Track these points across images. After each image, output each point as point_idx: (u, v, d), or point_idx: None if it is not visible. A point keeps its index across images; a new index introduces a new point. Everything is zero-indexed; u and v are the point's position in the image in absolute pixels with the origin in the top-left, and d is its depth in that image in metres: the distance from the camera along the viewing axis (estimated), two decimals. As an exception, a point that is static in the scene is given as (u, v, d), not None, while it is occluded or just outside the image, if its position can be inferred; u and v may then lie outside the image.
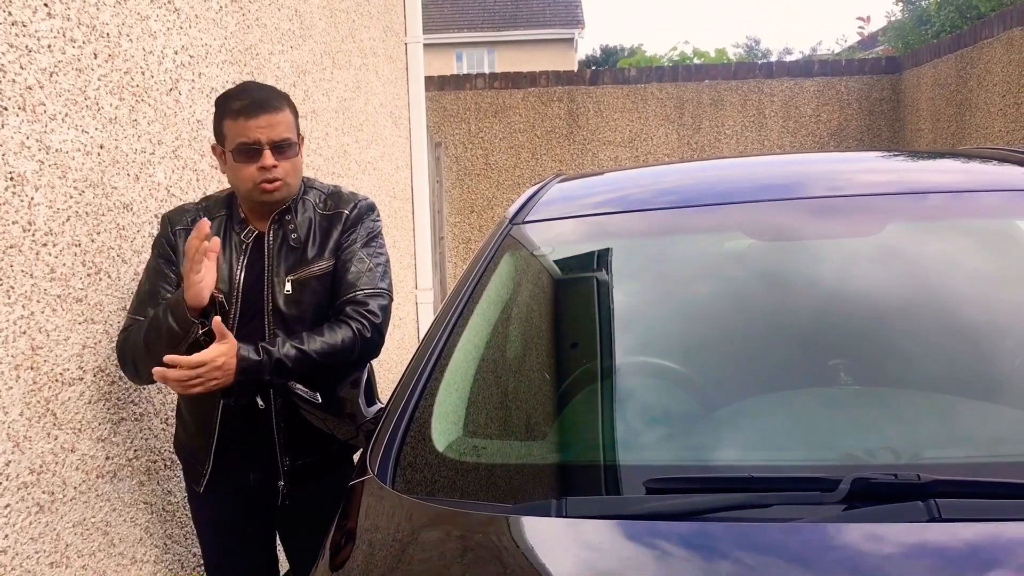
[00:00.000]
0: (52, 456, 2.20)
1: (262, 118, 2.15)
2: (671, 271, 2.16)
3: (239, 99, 2.18)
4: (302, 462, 2.28)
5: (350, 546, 1.50)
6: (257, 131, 2.14)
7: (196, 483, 2.33)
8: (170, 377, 2.00)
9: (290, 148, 2.20)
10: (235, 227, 2.28)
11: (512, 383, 2.01)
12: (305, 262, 2.24)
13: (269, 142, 2.15)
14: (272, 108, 2.17)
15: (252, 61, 3.30)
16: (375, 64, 4.92)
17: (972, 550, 1.25)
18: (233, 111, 2.17)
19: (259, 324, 2.22)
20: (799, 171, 2.52)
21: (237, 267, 2.25)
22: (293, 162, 2.22)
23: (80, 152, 2.31)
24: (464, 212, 8.06)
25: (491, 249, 2.17)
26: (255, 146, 2.15)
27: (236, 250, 2.26)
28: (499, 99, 8.00)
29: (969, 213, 2.07)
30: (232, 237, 2.27)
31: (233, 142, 2.17)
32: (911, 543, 1.25)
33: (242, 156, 2.17)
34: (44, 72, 2.19)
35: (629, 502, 1.47)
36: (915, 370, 1.74)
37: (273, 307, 2.22)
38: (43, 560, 2.17)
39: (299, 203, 2.29)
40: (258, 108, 2.15)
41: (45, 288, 2.18)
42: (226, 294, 2.21)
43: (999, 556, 1.24)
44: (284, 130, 2.18)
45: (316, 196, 2.32)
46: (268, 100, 2.18)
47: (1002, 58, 6.05)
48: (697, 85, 7.94)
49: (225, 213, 2.30)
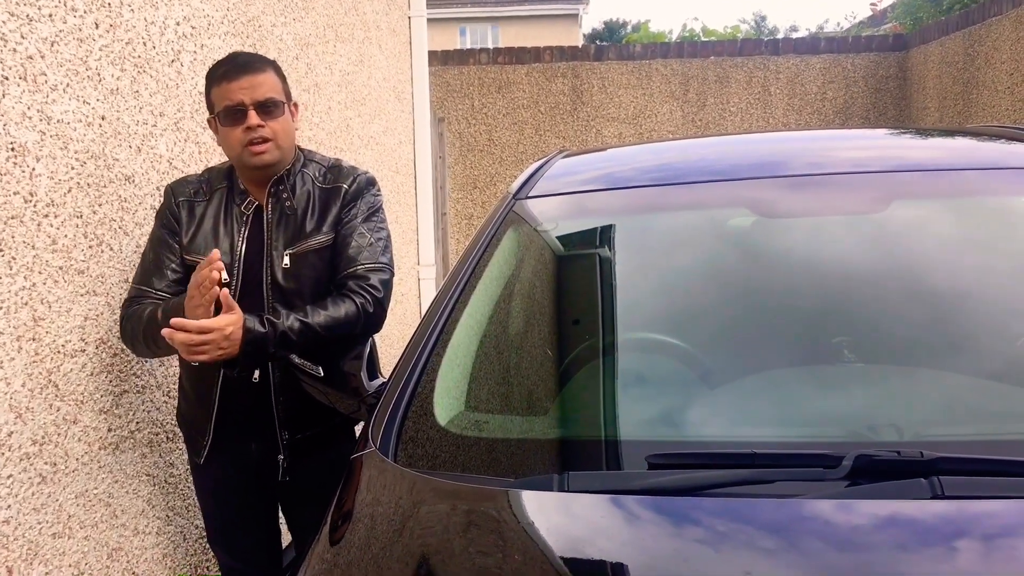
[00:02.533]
0: (54, 427, 2.20)
1: (243, 79, 2.16)
2: (674, 248, 2.15)
3: (223, 65, 2.21)
4: (301, 435, 2.29)
5: (351, 519, 1.50)
6: (240, 92, 2.16)
7: (197, 455, 2.35)
8: (176, 340, 2.00)
9: (276, 108, 2.20)
10: (236, 198, 2.28)
11: (514, 358, 2.01)
12: (303, 235, 2.24)
13: (253, 102, 2.16)
14: (254, 70, 2.18)
15: (255, 33, 3.28)
16: (378, 38, 4.89)
17: (974, 527, 1.25)
18: (217, 77, 2.20)
19: (259, 297, 2.22)
20: (804, 148, 2.51)
21: (238, 239, 2.25)
22: (281, 122, 2.21)
23: (81, 123, 2.29)
24: (467, 188, 8.04)
25: (494, 225, 2.16)
26: (239, 107, 2.16)
27: (237, 222, 2.26)
28: (503, 74, 7.95)
29: (975, 191, 2.06)
30: (233, 209, 2.27)
31: (219, 106, 2.19)
32: (913, 520, 1.25)
33: (228, 119, 2.18)
34: (45, 42, 2.17)
35: (631, 477, 1.47)
36: (919, 348, 1.73)
37: (272, 280, 2.22)
38: (45, 531, 2.17)
39: (297, 175, 2.28)
40: (239, 70, 2.17)
41: (47, 259, 2.18)
42: (228, 266, 2.20)
43: (1001, 533, 1.23)
44: (267, 90, 2.19)
45: (316, 169, 2.31)
46: (250, 63, 2.20)
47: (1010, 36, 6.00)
48: (702, 62, 7.89)
49: (226, 185, 2.30)
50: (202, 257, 2.16)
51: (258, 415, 2.26)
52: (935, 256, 1.95)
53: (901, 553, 1.20)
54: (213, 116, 2.24)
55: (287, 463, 2.29)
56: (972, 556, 1.21)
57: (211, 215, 2.27)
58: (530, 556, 1.31)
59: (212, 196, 2.29)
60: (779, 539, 1.25)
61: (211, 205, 2.28)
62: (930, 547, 1.22)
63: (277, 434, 2.27)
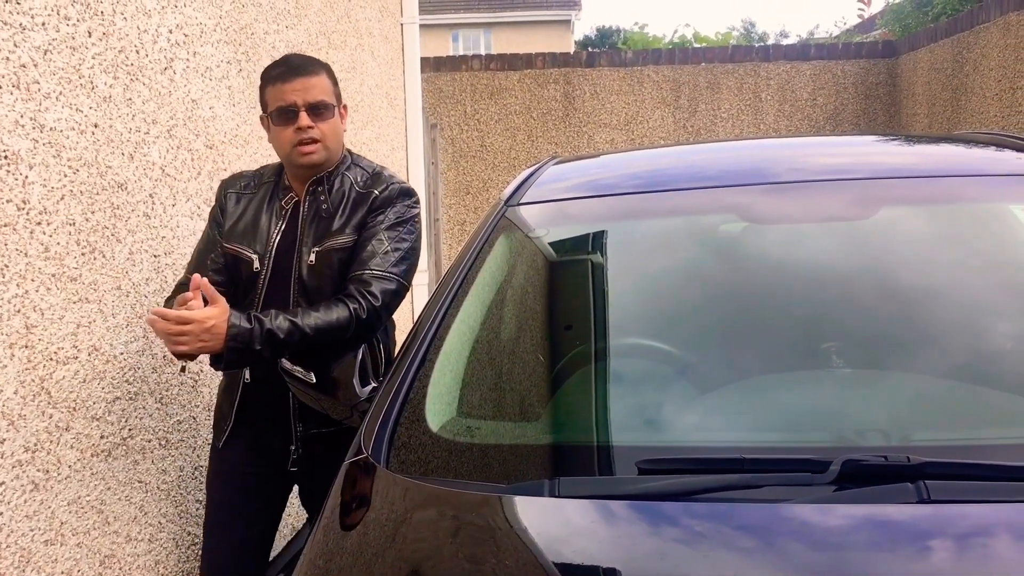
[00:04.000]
0: (47, 434, 2.20)
1: (297, 81, 2.24)
2: (665, 254, 2.16)
3: (279, 66, 2.30)
4: (316, 431, 2.32)
5: (343, 525, 1.51)
6: (293, 94, 2.24)
7: (218, 438, 2.41)
8: (156, 329, 2.06)
9: (326, 110, 2.28)
10: (279, 193, 2.38)
11: (506, 364, 2.02)
12: (329, 234, 2.29)
13: (304, 104, 2.24)
14: (307, 72, 2.27)
15: (247, 41, 3.29)
16: (371, 45, 4.90)
17: (960, 531, 1.26)
18: (272, 77, 2.29)
19: (286, 292, 2.29)
20: (794, 155, 2.52)
21: (274, 231, 2.33)
22: (330, 124, 2.29)
23: (74, 131, 2.30)
24: (459, 194, 8.05)
25: (486, 231, 2.18)
26: (291, 108, 2.24)
27: (276, 215, 2.35)
28: (495, 81, 7.97)
29: (964, 197, 2.08)
30: (275, 203, 2.36)
31: (272, 106, 2.28)
32: (900, 524, 1.26)
33: (280, 119, 2.27)
34: (38, 50, 2.18)
35: (621, 483, 1.48)
36: (907, 353, 1.75)
37: (298, 276, 2.29)
38: (38, 538, 2.18)
39: (339, 176, 2.34)
40: (294, 72, 2.26)
41: (39, 267, 2.18)
42: (260, 257, 2.30)
43: (987, 537, 1.25)
44: (319, 93, 2.27)
45: (359, 174, 2.37)
46: (304, 65, 2.29)
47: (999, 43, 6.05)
48: (694, 68, 7.93)
49: (273, 180, 2.41)
50: (239, 246, 2.32)
51: (278, 406, 2.31)
52: (923, 262, 1.97)
53: (887, 557, 1.21)
54: (266, 115, 2.32)
55: (299, 454, 2.33)
56: (957, 560, 1.22)
57: (254, 207, 2.37)
58: (522, 561, 1.32)
59: (259, 190, 2.39)
60: (767, 544, 1.26)
61: (256, 198, 2.39)
62: (916, 551, 1.23)
63: (291, 425, 2.31)
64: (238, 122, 3.18)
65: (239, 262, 2.34)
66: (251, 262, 2.31)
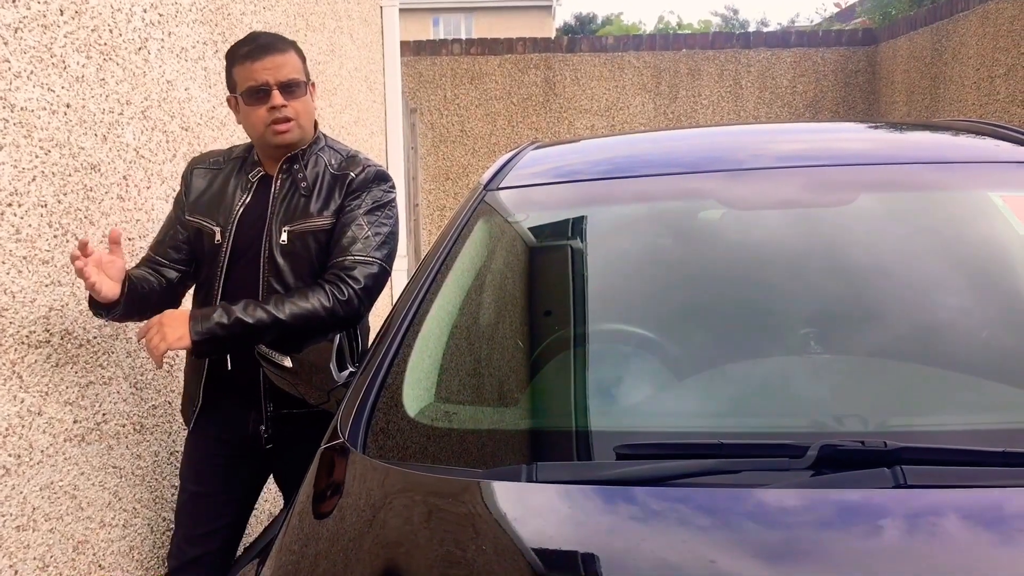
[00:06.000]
0: (18, 419, 2.17)
1: (267, 59, 2.20)
2: (644, 239, 2.16)
3: (246, 45, 2.25)
4: (287, 411, 2.30)
5: (319, 511, 1.50)
6: (264, 72, 2.20)
7: (187, 420, 2.39)
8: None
9: (298, 88, 2.25)
10: (246, 167, 2.35)
11: (484, 349, 2.01)
12: (305, 215, 2.27)
13: (277, 83, 2.21)
14: (277, 50, 2.23)
15: (224, 21, 3.24)
16: (350, 27, 4.86)
17: (936, 516, 1.27)
18: (240, 56, 2.24)
19: (254, 269, 2.27)
20: (773, 141, 2.53)
21: (237, 204, 2.31)
22: (303, 102, 2.26)
23: (46, 111, 2.26)
24: (439, 179, 8.02)
25: (465, 215, 2.16)
26: (263, 87, 2.21)
27: (241, 188, 2.33)
28: (475, 65, 7.93)
29: (942, 185, 2.08)
30: (241, 176, 2.34)
31: (243, 86, 2.24)
32: (876, 509, 1.27)
33: (252, 99, 2.23)
34: (8, 28, 2.13)
35: (599, 467, 1.48)
36: (885, 339, 1.76)
37: (269, 255, 2.26)
38: (9, 523, 2.15)
39: (312, 156, 2.32)
40: (263, 50, 2.21)
41: (10, 249, 2.14)
42: (222, 228, 2.28)
43: (962, 522, 1.26)
44: (291, 71, 2.23)
45: (332, 156, 2.35)
46: (273, 43, 2.25)
47: (977, 31, 6.08)
48: (675, 54, 7.92)
49: (242, 156, 2.39)
50: (201, 218, 2.32)
51: (247, 385, 2.29)
52: (902, 248, 1.97)
53: (863, 542, 1.21)
54: (234, 95, 2.29)
55: (269, 434, 2.31)
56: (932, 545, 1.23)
57: (220, 181, 2.36)
58: (500, 546, 1.32)
59: (227, 165, 2.37)
60: (744, 528, 1.26)
61: (223, 173, 2.37)
62: (892, 536, 1.23)
63: (262, 405, 2.29)
64: (214, 103, 3.14)
65: (201, 235, 2.33)
66: (213, 234, 2.30)
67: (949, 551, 1.21)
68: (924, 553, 1.20)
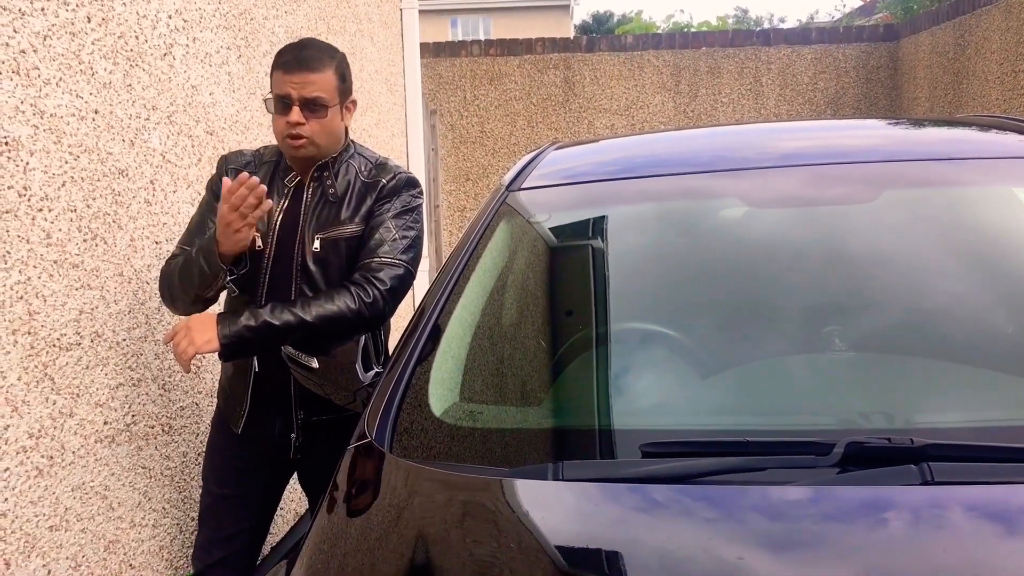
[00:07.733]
0: (51, 420, 2.21)
1: (297, 74, 2.20)
2: (666, 238, 2.16)
3: (288, 52, 2.25)
4: (316, 418, 2.32)
5: (347, 510, 1.51)
6: (290, 86, 2.20)
7: (235, 425, 2.38)
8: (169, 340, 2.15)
9: (321, 108, 2.23)
10: (281, 173, 2.35)
11: (508, 349, 2.02)
12: (336, 222, 2.28)
13: (299, 98, 2.20)
14: (311, 67, 2.21)
15: (247, 26, 3.28)
16: (370, 30, 4.89)
17: (963, 512, 1.27)
18: (279, 62, 2.24)
19: (288, 275, 2.28)
20: (795, 138, 2.52)
21: (276, 209, 2.31)
22: (322, 123, 2.24)
23: (75, 117, 2.29)
24: (460, 180, 8.04)
25: (487, 216, 2.17)
26: (286, 100, 2.21)
27: (279, 194, 2.33)
28: (494, 66, 7.94)
29: (966, 180, 2.07)
30: (277, 182, 2.34)
31: (272, 92, 2.26)
32: (903, 506, 1.27)
33: (276, 108, 2.24)
34: (38, 36, 2.17)
35: (624, 466, 1.48)
36: (910, 336, 1.75)
37: (302, 262, 2.27)
38: (43, 523, 2.18)
39: (343, 164, 2.33)
40: (298, 64, 2.21)
41: (41, 253, 2.18)
42: (263, 234, 2.28)
43: (990, 518, 1.25)
44: (317, 89, 2.21)
45: (362, 163, 2.35)
46: (311, 59, 2.22)
47: (1000, 25, 6.02)
48: (694, 53, 7.89)
49: (274, 160, 2.38)
50: None
51: (280, 393, 2.31)
52: (925, 245, 1.96)
53: (890, 539, 1.21)
54: (267, 97, 2.31)
55: (300, 442, 2.32)
56: (960, 541, 1.22)
57: None
58: (525, 544, 1.33)
59: (260, 169, 2.36)
60: (771, 525, 1.27)
61: (258, 175, 2.33)
62: (919, 533, 1.23)
63: (293, 413, 2.31)
64: (238, 108, 3.17)
65: None
66: (253, 240, 2.28)
67: (977, 547, 1.20)
68: (952, 550, 1.20)
